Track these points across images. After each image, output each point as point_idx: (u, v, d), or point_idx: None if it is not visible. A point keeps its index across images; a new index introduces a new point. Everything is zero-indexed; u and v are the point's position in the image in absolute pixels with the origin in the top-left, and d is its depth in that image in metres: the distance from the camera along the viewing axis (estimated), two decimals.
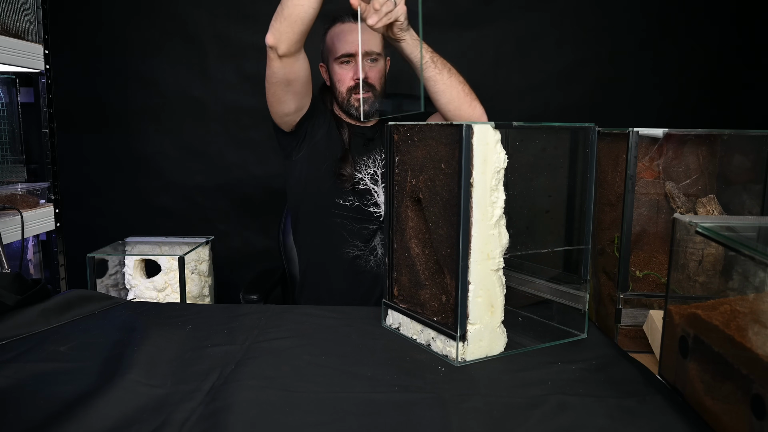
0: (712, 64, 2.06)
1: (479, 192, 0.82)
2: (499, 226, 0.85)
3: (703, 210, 1.02)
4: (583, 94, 2.07)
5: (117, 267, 1.50)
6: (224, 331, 0.96)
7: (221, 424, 0.66)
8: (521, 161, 0.88)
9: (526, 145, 0.92)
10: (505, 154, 0.84)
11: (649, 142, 1.03)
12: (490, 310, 0.86)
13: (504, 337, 0.88)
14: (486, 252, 0.84)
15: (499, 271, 0.86)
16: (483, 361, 0.86)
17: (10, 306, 0.99)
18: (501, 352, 0.88)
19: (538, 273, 0.99)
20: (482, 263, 0.84)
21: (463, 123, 0.80)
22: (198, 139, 2.12)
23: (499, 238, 0.85)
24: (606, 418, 0.69)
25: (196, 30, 2.06)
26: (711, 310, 0.72)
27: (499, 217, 0.84)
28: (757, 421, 0.61)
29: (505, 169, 0.84)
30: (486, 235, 0.84)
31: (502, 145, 0.84)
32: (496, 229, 0.85)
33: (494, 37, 2.06)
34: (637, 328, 1.02)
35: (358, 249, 1.46)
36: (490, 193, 0.83)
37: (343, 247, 1.46)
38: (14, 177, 1.67)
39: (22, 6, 1.55)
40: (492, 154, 0.83)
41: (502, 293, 0.87)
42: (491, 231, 0.84)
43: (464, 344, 0.84)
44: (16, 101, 1.68)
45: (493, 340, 0.87)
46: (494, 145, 0.83)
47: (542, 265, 0.97)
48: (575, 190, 0.96)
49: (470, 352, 0.85)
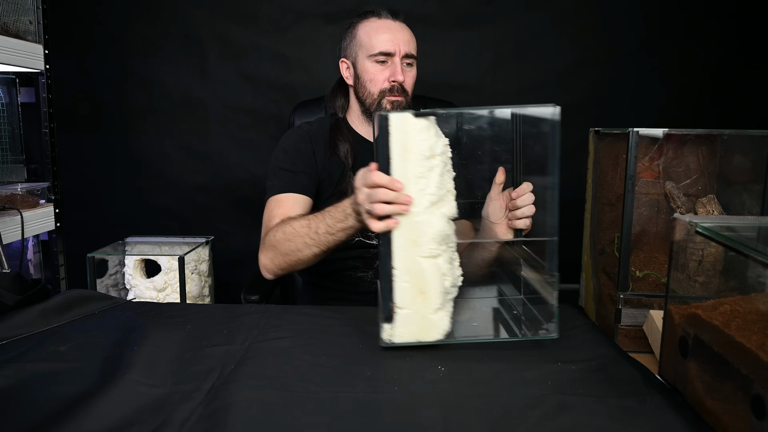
0: (712, 64, 2.06)
1: (400, 180, 0.83)
2: (430, 214, 0.84)
3: (703, 210, 1.02)
4: (583, 94, 2.07)
5: (117, 267, 1.50)
6: (224, 331, 0.96)
7: (221, 424, 0.66)
8: (483, 148, 0.90)
9: (492, 131, 0.93)
10: (443, 140, 0.84)
11: (649, 142, 1.03)
12: (421, 296, 0.86)
13: (444, 326, 0.87)
14: (412, 239, 0.84)
15: (435, 258, 0.85)
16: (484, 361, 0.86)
17: (10, 306, 0.99)
18: (439, 340, 0.87)
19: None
20: (408, 250, 0.84)
21: (381, 113, 0.82)
22: (198, 139, 2.12)
23: (429, 225, 0.84)
24: (606, 418, 0.69)
25: (196, 30, 2.06)
26: (711, 310, 0.72)
27: (429, 205, 0.84)
28: (757, 421, 0.61)
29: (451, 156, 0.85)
30: (411, 222, 0.84)
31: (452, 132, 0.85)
32: (424, 216, 0.84)
33: (494, 37, 2.06)
34: (637, 328, 1.02)
35: (360, 271, 1.39)
36: (415, 181, 0.83)
37: (343, 267, 1.38)
38: (14, 177, 1.67)
39: (22, 6, 1.55)
40: (414, 143, 0.83)
41: (439, 281, 0.86)
42: (417, 218, 0.84)
43: (391, 326, 0.86)
44: (16, 101, 1.68)
45: (425, 327, 0.87)
46: (416, 134, 0.82)
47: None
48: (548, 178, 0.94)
49: (398, 335, 0.86)
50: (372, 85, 1.33)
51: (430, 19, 2.04)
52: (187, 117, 2.11)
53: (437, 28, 2.03)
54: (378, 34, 1.31)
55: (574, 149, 1.27)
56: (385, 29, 1.32)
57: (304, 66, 2.07)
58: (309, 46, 2.07)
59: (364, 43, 1.33)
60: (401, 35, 1.31)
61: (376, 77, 1.32)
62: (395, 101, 1.32)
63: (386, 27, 1.32)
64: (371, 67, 1.32)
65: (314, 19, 2.05)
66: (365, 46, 1.33)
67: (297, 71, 2.08)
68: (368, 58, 1.32)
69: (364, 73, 1.34)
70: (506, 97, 2.07)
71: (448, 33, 2.05)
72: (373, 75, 1.32)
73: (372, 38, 1.32)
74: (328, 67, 2.07)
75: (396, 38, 1.30)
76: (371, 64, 1.32)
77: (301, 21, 2.06)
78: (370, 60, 1.32)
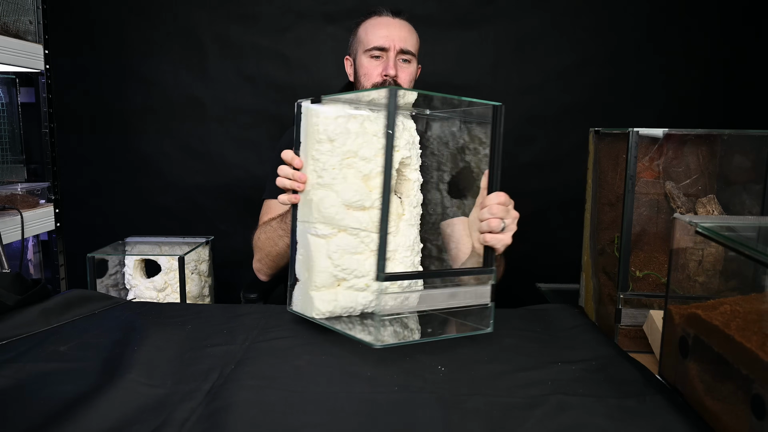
0: (712, 63, 2.06)
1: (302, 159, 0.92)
2: (323, 195, 0.89)
3: (703, 210, 1.02)
4: (583, 94, 2.07)
5: (117, 267, 1.50)
6: (224, 331, 0.96)
7: (221, 424, 0.66)
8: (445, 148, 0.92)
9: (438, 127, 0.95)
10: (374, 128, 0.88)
11: (649, 142, 1.03)
12: (307, 272, 0.91)
13: (322, 307, 0.88)
14: (305, 216, 0.92)
15: (323, 239, 0.88)
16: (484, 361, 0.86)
17: (10, 306, 0.99)
18: (315, 319, 0.90)
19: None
20: (301, 225, 0.93)
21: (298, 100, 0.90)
22: (198, 139, 2.12)
23: (319, 205, 0.89)
24: (606, 418, 0.69)
25: (196, 30, 2.06)
26: (711, 310, 0.72)
27: (320, 186, 0.89)
28: (757, 421, 0.61)
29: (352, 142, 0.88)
30: (306, 200, 0.92)
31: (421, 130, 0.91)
32: (316, 197, 0.89)
33: (494, 37, 2.06)
34: (637, 328, 1.02)
35: None
36: (312, 162, 0.90)
37: None
38: (14, 177, 1.67)
39: (22, 6, 1.55)
40: (311, 126, 0.89)
41: (324, 261, 0.88)
42: (309, 197, 0.91)
43: (292, 294, 0.94)
44: (16, 101, 1.68)
45: (306, 303, 0.91)
46: (312, 117, 0.88)
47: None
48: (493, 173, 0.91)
49: (294, 304, 0.94)
50: (366, 79, 1.35)
51: (430, 19, 2.03)
52: (187, 117, 2.11)
53: (437, 28, 2.03)
54: (375, 30, 1.34)
55: (574, 149, 1.27)
56: (382, 25, 1.34)
57: (304, 66, 2.07)
58: (309, 46, 2.07)
59: (362, 39, 1.36)
60: (397, 31, 1.32)
61: (369, 71, 1.34)
62: None
63: (383, 24, 1.34)
64: (366, 62, 1.34)
65: (314, 19, 2.05)
66: (362, 42, 1.36)
67: (297, 71, 2.08)
68: (364, 54, 1.35)
69: (360, 67, 1.36)
70: (506, 97, 2.07)
71: (448, 33, 2.05)
72: (367, 69, 1.34)
73: (369, 34, 1.34)
74: (328, 67, 2.07)
75: (391, 34, 1.32)
76: (366, 59, 1.34)
77: (301, 21, 2.06)
78: (365, 55, 1.34)
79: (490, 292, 0.89)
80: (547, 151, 2.10)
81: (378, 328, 0.85)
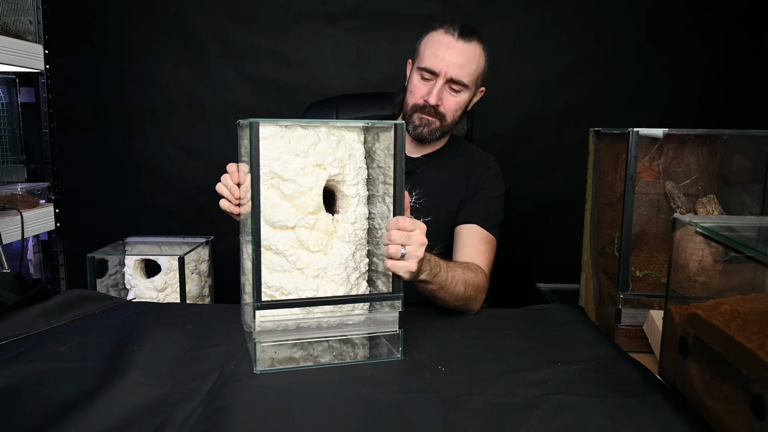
0: (712, 63, 2.06)
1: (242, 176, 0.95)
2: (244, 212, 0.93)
3: (703, 210, 1.02)
4: (583, 94, 2.07)
5: (117, 267, 1.50)
6: (224, 331, 0.96)
7: (221, 424, 0.66)
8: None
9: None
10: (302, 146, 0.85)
11: (649, 142, 1.03)
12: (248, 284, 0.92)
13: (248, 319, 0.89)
14: (242, 231, 0.96)
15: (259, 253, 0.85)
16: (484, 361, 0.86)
17: (10, 306, 0.99)
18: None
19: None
20: (242, 239, 0.96)
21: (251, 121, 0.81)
22: (198, 139, 2.12)
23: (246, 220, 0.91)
24: (606, 418, 0.69)
25: (196, 30, 2.06)
26: (711, 310, 0.72)
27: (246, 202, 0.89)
28: (757, 421, 0.61)
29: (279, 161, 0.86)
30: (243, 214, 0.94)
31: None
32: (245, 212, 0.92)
33: (494, 37, 2.06)
34: (637, 328, 1.02)
35: None
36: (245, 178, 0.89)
37: None
38: (14, 177, 1.67)
39: (22, 6, 1.55)
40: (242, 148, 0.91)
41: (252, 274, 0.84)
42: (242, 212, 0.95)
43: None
44: (16, 101, 1.68)
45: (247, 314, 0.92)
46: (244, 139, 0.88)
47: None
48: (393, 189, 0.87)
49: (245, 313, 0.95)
50: (410, 96, 1.28)
51: (430, 19, 2.03)
52: (187, 117, 2.11)
53: None
54: (433, 49, 1.25)
55: (574, 149, 1.27)
56: (443, 47, 1.24)
57: (304, 66, 2.07)
58: (309, 46, 2.07)
59: (420, 53, 1.28)
60: (454, 57, 1.22)
61: (415, 90, 1.27)
62: (424, 119, 1.26)
63: (444, 45, 1.24)
64: (416, 79, 1.27)
65: (314, 19, 2.05)
66: (420, 56, 1.28)
67: (297, 71, 2.08)
68: (417, 69, 1.27)
69: (410, 81, 1.30)
70: (506, 97, 2.07)
71: None
72: (414, 86, 1.27)
73: (426, 51, 1.26)
74: (328, 67, 2.07)
75: (447, 59, 1.22)
76: (417, 75, 1.27)
77: (301, 21, 2.06)
78: (417, 71, 1.27)
79: (397, 319, 0.86)
80: (547, 151, 2.10)
81: (256, 354, 0.82)
